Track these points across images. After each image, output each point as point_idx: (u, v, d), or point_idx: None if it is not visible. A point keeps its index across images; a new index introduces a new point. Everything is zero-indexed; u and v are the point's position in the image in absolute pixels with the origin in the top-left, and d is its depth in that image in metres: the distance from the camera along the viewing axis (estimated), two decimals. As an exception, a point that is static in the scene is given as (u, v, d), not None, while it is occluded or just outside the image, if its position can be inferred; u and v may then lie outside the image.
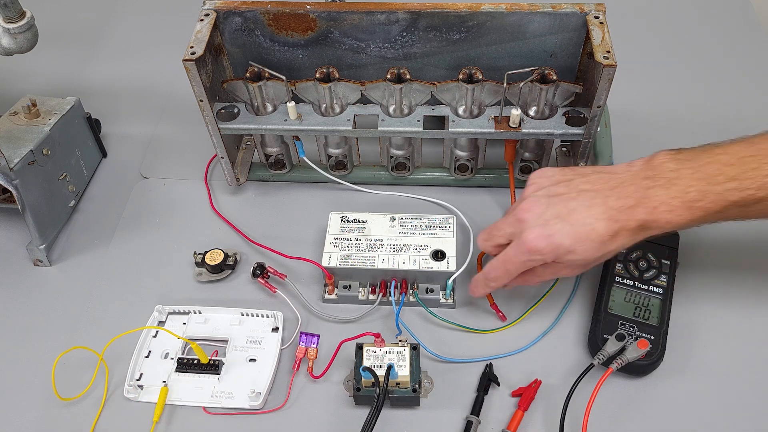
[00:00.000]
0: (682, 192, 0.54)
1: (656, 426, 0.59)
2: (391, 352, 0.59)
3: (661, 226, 0.55)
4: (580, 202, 0.56)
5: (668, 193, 0.54)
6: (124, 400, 0.62)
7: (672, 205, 0.54)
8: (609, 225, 0.55)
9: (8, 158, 0.67)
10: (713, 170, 0.54)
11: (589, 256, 0.56)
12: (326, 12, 0.69)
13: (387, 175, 0.78)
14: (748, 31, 0.97)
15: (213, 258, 0.70)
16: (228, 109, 0.72)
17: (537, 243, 0.56)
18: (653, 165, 0.56)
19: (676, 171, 0.55)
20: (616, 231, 0.55)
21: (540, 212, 0.57)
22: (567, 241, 0.55)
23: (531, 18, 0.67)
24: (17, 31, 0.73)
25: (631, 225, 0.55)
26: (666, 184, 0.54)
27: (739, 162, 0.54)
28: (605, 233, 0.55)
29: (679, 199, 0.54)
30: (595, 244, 0.55)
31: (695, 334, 0.64)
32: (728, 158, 0.54)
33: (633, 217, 0.55)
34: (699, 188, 0.54)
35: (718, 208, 0.54)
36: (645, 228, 0.55)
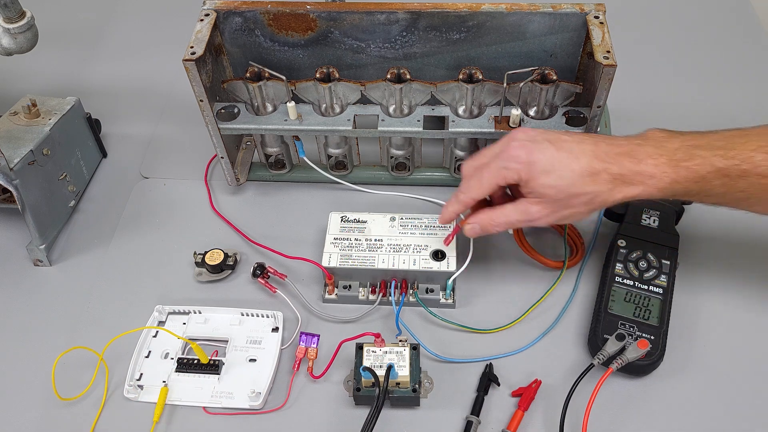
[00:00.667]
0: (669, 151, 0.55)
1: (656, 426, 0.59)
2: (391, 352, 0.59)
3: (644, 181, 0.55)
4: (572, 137, 0.57)
5: (657, 150, 0.56)
6: (124, 400, 0.62)
7: (658, 160, 0.55)
8: (592, 161, 0.55)
9: (8, 158, 0.67)
10: (702, 142, 0.56)
11: (562, 184, 0.56)
12: (326, 12, 0.69)
13: (387, 175, 0.78)
14: (748, 31, 0.97)
15: (213, 258, 0.70)
16: (228, 109, 0.72)
17: (518, 151, 0.57)
18: (644, 135, 0.58)
19: (666, 139, 0.57)
20: (597, 170, 0.55)
21: (533, 134, 0.58)
22: (545, 160, 0.56)
23: (531, 18, 0.67)
24: (17, 31, 0.73)
25: (614, 170, 0.55)
26: (655, 143, 0.56)
27: (727, 139, 0.55)
28: (586, 166, 0.55)
29: (666, 157, 0.55)
30: (574, 174, 0.55)
31: (695, 334, 0.64)
32: (718, 136, 0.56)
33: (617, 162, 0.55)
34: (686, 150, 0.55)
35: (704, 172, 0.55)
36: (626, 180, 0.55)
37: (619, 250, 0.67)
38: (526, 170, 0.56)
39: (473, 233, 0.62)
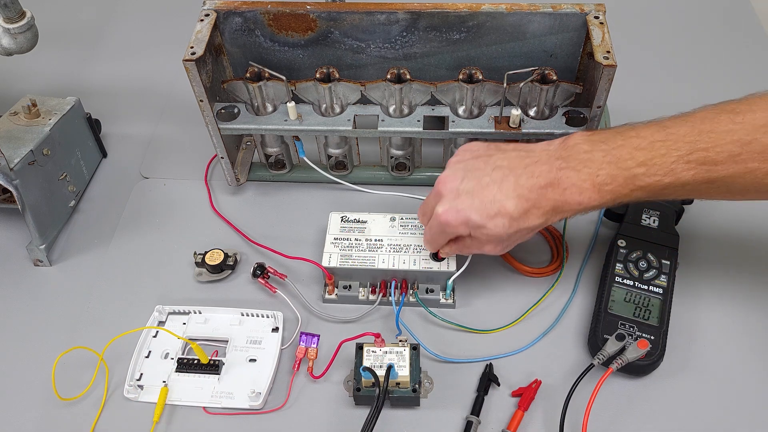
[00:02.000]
0: (592, 175, 0.55)
1: (656, 426, 0.59)
2: (391, 352, 0.59)
3: (573, 208, 0.56)
4: (492, 178, 0.57)
5: (579, 176, 0.55)
6: (124, 400, 0.62)
7: (582, 188, 0.55)
8: (518, 203, 0.56)
9: (8, 158, 0.67)
10: (624, 154, 0.55)
11: (500, 232, 0.57)
12: (326, 12, 0.69)
13: (387, 175, 0.78)
14: (748, 31, 0.97)
15: (213, 258, 0.70)
16: (228, 109, 0.72)
17: (447, 217, 0.58)
18: (568, 146, 0.57)
19: (588, 153, 0.56)
20: (526, 209, 0.56)
21: (455, 186, 0.58)
22: (476, 216, 0.57)
23: (531, 18, 0.67)
24: (17, 31, 0.73)
25: (543, 204, 0.56)
26: (578, 165, 0.55)
27: (649, 146, 0.55)
28: (515, 211, 0.56)
29: (590, 182, 0.55)
30: (505, 220, 0.56)
31: (695, 334, 0.64)
32: (639, 142, 0.55)
33: (544, 197, 0.56)
34: (609, 171, 0.55)
35: (627, 191, 0.55)
36: (557, 209, 0.56)
37: (619, 250, 0.67)
38: (465, 231, 0.59)
39: (448, 256, 0.66)
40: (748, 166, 0.52)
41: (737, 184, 0.54)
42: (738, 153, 0.52)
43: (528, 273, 0.69)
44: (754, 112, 0.53)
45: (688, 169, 0.53)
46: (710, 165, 0.53)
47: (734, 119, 0.53)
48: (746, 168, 0.53)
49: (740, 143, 0.52)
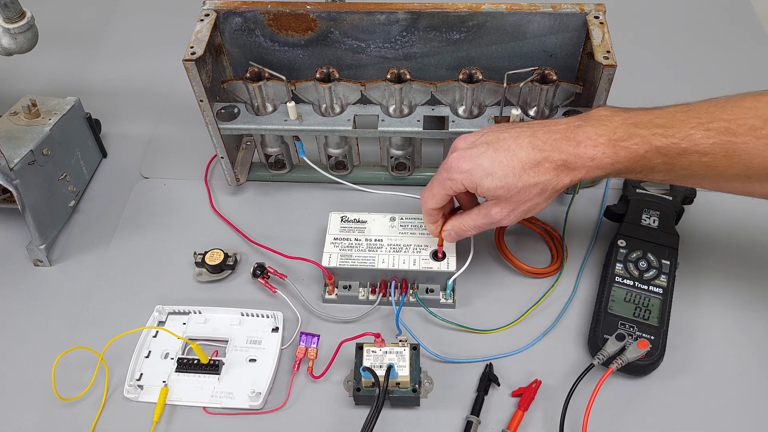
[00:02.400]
0: (609, 131, 0.55)
1: (656, 426, 0.59)
2: (391, 352, 0.59)
3: (585, 164, 0.55)
4: (509, 134, 0.57)
5: (595, 131, 0.55)
6: (124, 400, 0.62)
7: (597, 141, 0.55)
8: (531, 153, 0.56)
9: (8, 158, 0.67)
10: (644, 118, 0.55)
11: (507, 183, 0.56)
12: (326, 12, 0.69)
13: (387, 175, 0.78)
14: (748, 31, 0.97)
15: (213, 258, 0.70)
16: (228, 109, 0.72)
17: (458, 162, 0.57)
18: (589, 114, 0.57)
19: (608, 116, 0.56)
20: (537, 160, 0.55)
21: (472, 139, 0.59)
22: (487, 162, 0.56)
23: (531, 18, 0.67)
24: (17, 31, 0.73)
25: (555, 157, 0.55)
26: (595, 123, 0.56)
27: (669, 116, 0.55)
28: (526, 160, 0.55)
29: (605, 137, 0.55)
30: (515, 170, 0.56)
31: (695, 334, 0.64)
32: (661, 113, 0.55)
33: (557, 148, 0.55)
34: (626, 129, 0.55)
35: (643, 151, 0.54)
36: (569, 166, 0.55)
37: (619, 250, 0.67)
38: (469, 178, 0.57)
39: (450, 239, 0.64)
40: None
41: (756, 163, 0.53)
42: (760, 127, 0.52)
43: (528, 273, 0.69)
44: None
45: (707, 138, 0.53)
46: (730, 135, 0.52)
47: (759, 98, 0.53)
48: (767, 143, 0.52)
49: (763, 119, 0.52)
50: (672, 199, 0.70)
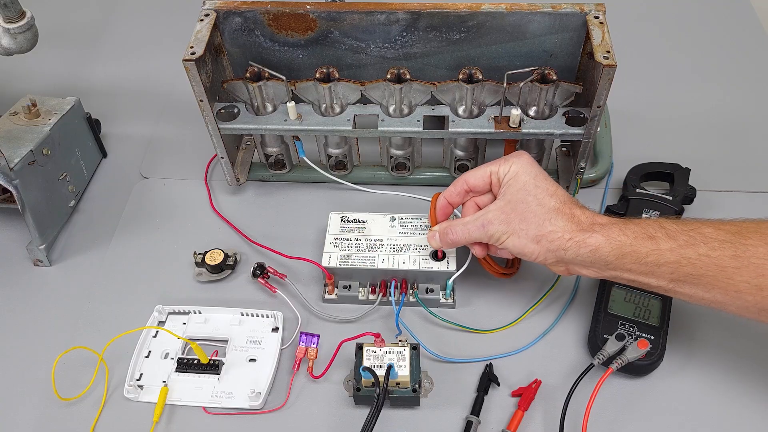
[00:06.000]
0: (623, 219, 0.58)
1: (656, 426, 0.59)
2: (391, 352, 0.59)
3: (593, 227, 0.57)
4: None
5: (610, 217, 0.58)
6: (124, 400, 0.62)
7: (612, 219, 0.58)
8: (564, 197, 0.59)
9: (8, 158, 0.67)
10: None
11: (532, 191, 0.58)
12: (326, 12, 0.69)
13: (387, 175, 0.78)
14: (748, 31, 0.97)
15: (213, 258, 0.70)
16: (228, 109, 0.72)
17: (517, 153, 0.61)
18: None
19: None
20: (564, 202, 0.58)
21: (533, 159, 0.61)
22: (536, 171, 0.60)
23: (531, 18, 0.67)
24: (17, 31, 0.73)
25: (576, 211, 0.58)
26: (612, 216, 0.59)
27: (682, 219, 0.58)
28: (559, 197, 0.58)
29: (621, 223, 0.57)
30: (547, 192, 0.58)
31: (695, 334, 0.64)
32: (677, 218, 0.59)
33: (580, 209, 0.58)
34: (638, 220, 0.57)
35: (653, 231, 0.55)
36: (582, 227, 0.57)
37: (619, 250, 0.67)
38: (517, 168, 0.59)
39: (433, 242, 0.64)
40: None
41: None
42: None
43: (493, 271, 0.68)
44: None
45: (717, 234, 0.54)
46: (739, 237, 0.53)
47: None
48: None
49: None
50: (672, 199, 0.70)
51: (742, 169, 0.78)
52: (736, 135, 0.82)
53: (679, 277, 0.55)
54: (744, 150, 0.81)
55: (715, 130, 0.83)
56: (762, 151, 0.80)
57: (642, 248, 0.55)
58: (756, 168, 0.79)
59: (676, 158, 0.74)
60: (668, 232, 0.55)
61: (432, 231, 0.64)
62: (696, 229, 0.54)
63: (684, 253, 0.54)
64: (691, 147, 0.80)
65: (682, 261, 0.54)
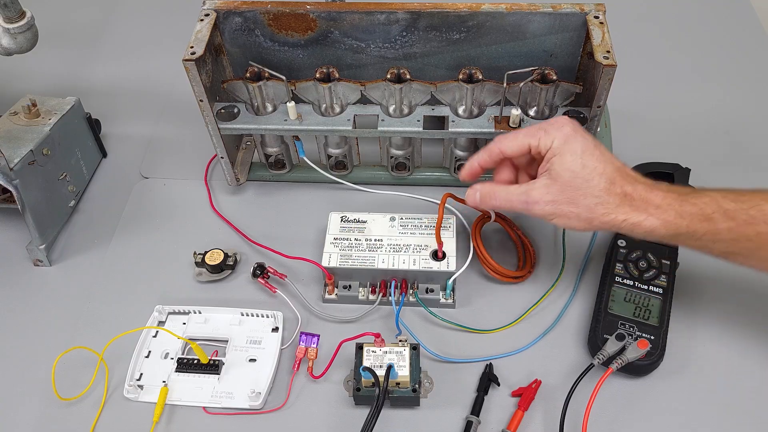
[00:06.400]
0: (680, 189, 0.57)
1: (656, 426, 0.59)
2: (391, 352, 0.59)
3: (648, 210, 0.55)
4: (610, 154, 0.58)
5: (669, 187, 0.57)
6: (124, 400, 0.62)
7: (667, 194, 0.56)
8: (614, 173, 0.56)
9: (8, 158, 0.67)
10: (714, 188, 0.57)
11: (581, 172, 0.56)
12: (326, 12, 0.69)
13: (387, 175, 0.78)
14: (748, 31, 0.97)
15: (213, 258, 0.70)
16: (228, 109, 0.72)
17: (566, 124, 0.57)
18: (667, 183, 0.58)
19: (683, 185, 0.60)
20: (615, 181, 0.56)
21: (585, 127, 0.59)
22: (581, 145, 0.56)
23: (531, 18, 0.67)
24: (17, 31, 0.73)
25: (627, 189, 0.56)
26: (670, 186, 0.57)
27: (740, 191, 0.56)
28: (609, 173, 0.56)
29: (676, 193, 0.56)
30: (596, 171, 0.56)
31: (695, 334, 0.64)
32: (730, 190, 0.56)
33: (633, 184, 0.56)
34: (697, 191, 0.56)
35: (710, 212, 0.54)
36: (634, 205, 0.55)
37: (619, 250, 0.67)
38: (561, 142, 0.56)
39: (471, 200, 0.62)
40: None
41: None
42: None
43: (498, 274, 0.68)
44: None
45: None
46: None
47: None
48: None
49: None
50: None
51: (742, 169, 0.78)
52: (736, 135, 0.82)
53: (734, 250, 0.56)
54: (744, 150, 0.81)
55: (715, 130, 0.83)
56: (762, 151, 0.80)
57: (699, 229, 0.55)
58: (756, 168, 0.79)
59: (676, 158, 0.74)
60: (726, 212, 0.54)
61: (473, 189, 0.62)
62: (756, 206, 0.54)
63: (742, 231, 0.54)
64: (691, 147, 0.80)
65: (739, 238, 0.54)
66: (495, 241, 0.72)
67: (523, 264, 0.70)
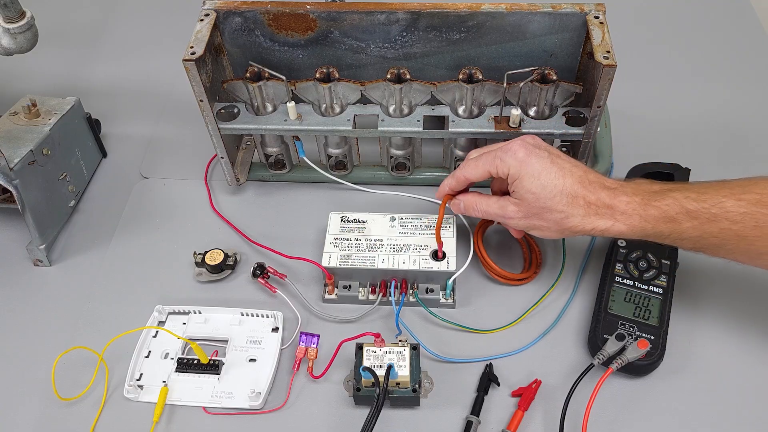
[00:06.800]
0: (644, 193, 0.58)
1: (656, 426, 0.59)
2: (391, 352, 0.59)
3: (614, 216, 0.58)
4: (569, 160, 0.60)
5: (633, 190, 0.58)
6: (124, 400, 0.62)
7: (632, 198, 0.58)
8: (576, 185, 0.58)
9: (8, 158, 0.67)
10: (679, 186, 0.59)
11: (541, 193, 0.58)
12: (326, 12, 0.69)
13: (387, 175, 0.78)
14: (748, 31, 0.97)
15: (213, 258, 0.70)
16: (228, 109, 0.72)
17: (517, 149, 0.59)
18: (635, 180, 0.60)
19: (648, 183, 0.59)
20: (576, 194, 0.58)
21: (539, 142, 0.61)
22: (539, 165, 0.59)
23: (531, 18, 0.67)
24: (17, 31, 0.73)
25: (590, 198, 0.58)
26: (636, 187, 0.59)
27: (704, 186, 0.58)
28: (569, 188, 0.58)
29: (640, 197, 0.58)
30: (555, 188, 0.58)
31: (695, 334, 0.64)
32: (696, 184, 0.58)
33: (596, 193, 0.58)
34: (661, 193, 0.58)
35: (673, 213, 0.56)
36: (599, 213, 0.58)
37: (619, 250, 0.67)
38: (517, 168, 0.59)
39: (456, 208, 0.66)
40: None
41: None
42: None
43: (501, 277, 0.68)
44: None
45: (739, 207, 0.55)
46: (761, 207, 0.54)
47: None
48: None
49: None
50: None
51: (742, 169, 0.78)
52: (736, 135, 0.82)
53: (701, 246, 0.58)
54: (744, 150, 0.81)
55: (715, 130, 0.83)
56: (762, 151, 0.80)
57: (664, 230, 0.57)
58: (756, 168, 0.78)
59: (676, 158, 0.74)
60: (689, 212, 0.56)
61: (458, 199, 0.65)
62: (718, 204, 0.55)
63: (706, 228, 0.56)
64: (691, 147, 0.80)
65: (704, 235, 0.56)
66: (495, 242, 0.72)
67: (529, 265, 0.70)
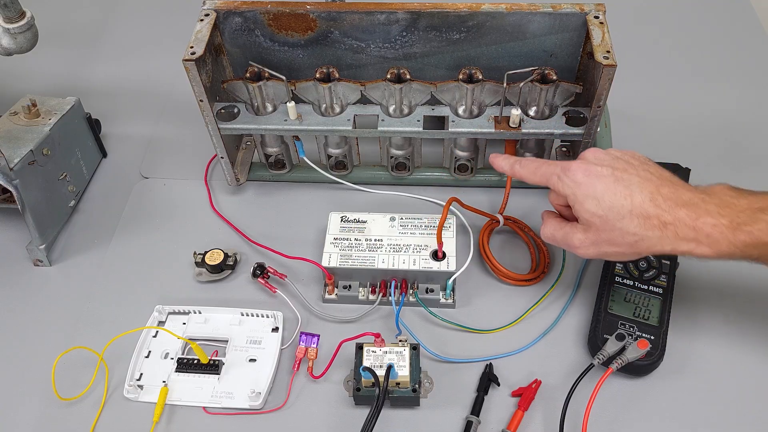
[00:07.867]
0: (733, 213, 0.52)
1: (656, 426, 0.59)
2: (391, 352, 0.59)
3: (698, 238, 0.52)
4: (638, 172, 0.55)
5: (719, 210, 0.52)
6: (124, 400, 0.62)
7: (718, 220, 0.52)
8: (647, 203, 0.53)
9: (8, 158, 0.67)
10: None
11: (608, 216, 0.53)
12: (326, 12, 0.69)
13: (387, 175, 0.78)
14: (748, 31, 0.97)
15: (213, 258, 0.70)
16: (228, 109, 0.72)
17: (577, 171, 0.55)
18: (712, 189, 0.54)
19: (734, 197, 0.53)
20: (649, 214, 0.53)
21: (602, 156, 0.57)
22: (601, 186, 0.54)
23: (531, 18, 0.67)
24: (17, 31, 0.73)
25: (666, 218, 0.52)
26: (720, 202, 0.53)
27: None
28: (639, 208, 0.53)
29: (728, 218, 0.51)
30: (623, 209, 0.53)
31: (695, 334, 0.64)
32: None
33: (674, 213, 0.52)
34: (751, 214, 0.51)
35: (766, 239, 0.51)
36: (680, 234, 0.52)
37: (619, 250, 0.67)
38: (575, 191, 0.55)
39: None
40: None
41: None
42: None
43: (507, 278, 0.68)
44: None
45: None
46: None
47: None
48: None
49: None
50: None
51: (742, 169, 0.78)
52: (736, 135, 0.82)
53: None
54: (744, 150, 0.81)
55: (715, 130, 0.83)
56: (762, 151, 0.80)
57: (753, 253, 0.52)
58: (756, 168, 0.79)
59: (676, 158, 0.74)
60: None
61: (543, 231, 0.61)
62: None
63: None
64: (691, 147, 0.80)
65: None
66: (496, 242, 0.72)
67: (536, 266, 0.70)
